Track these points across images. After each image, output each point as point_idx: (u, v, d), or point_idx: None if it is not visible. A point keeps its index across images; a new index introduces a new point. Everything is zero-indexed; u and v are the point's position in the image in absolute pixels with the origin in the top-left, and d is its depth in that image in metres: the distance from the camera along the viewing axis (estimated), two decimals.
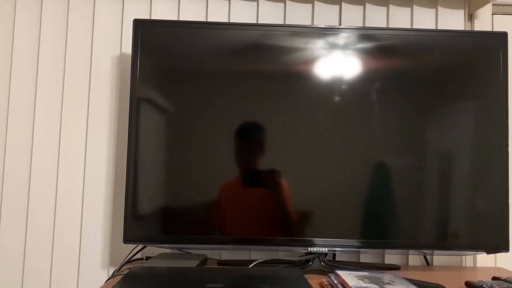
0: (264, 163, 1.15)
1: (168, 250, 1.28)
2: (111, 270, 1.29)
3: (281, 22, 1.34)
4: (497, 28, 1.39)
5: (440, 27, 1.35)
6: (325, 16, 1.35)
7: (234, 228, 1.14)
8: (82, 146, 1.31)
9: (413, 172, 1.15)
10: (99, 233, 1.30)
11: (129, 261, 1.21)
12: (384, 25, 1.35)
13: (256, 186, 1.15)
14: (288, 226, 1.15)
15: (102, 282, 1.29)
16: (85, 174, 1.30)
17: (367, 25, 1.34)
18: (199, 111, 1.15)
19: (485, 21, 1.39)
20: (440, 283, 1.02)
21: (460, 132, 1.16)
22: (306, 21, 1.35)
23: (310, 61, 1.16)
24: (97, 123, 1.32)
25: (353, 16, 1.35)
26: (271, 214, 1.15)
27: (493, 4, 1.37)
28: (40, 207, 1.30)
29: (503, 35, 1.18)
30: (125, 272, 0.98)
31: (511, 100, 1.20)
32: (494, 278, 1.06)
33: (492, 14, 1.40)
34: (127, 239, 1.12)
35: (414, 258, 1.32)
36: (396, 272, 1.15)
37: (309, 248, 1.13)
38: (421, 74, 1.17)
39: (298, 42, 1.17)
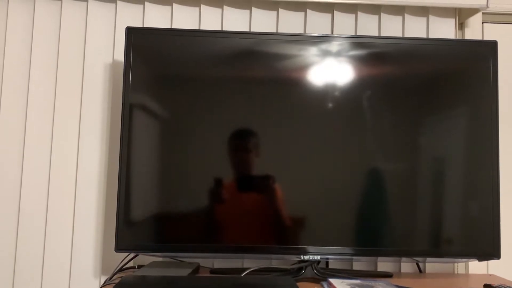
0: (258, 169, 1.15)
1: (160, 258, 1.28)
2: (103, 279, 1.27)
3: (273, 30, 1.35)
4: (487, 37, 1.41)
5: (431, 36, 1.36)
6: (318, 24, 1.36)
7: (227, 236, 1.14)
8: (74, 153, 1.30)
9: (406, 179, 1.16)
10: (91, 241, 1.29)
11: (121, 270, 1.20)
12: (376, 34, 1.36)
13: (250, 191, 1.15)
14: (281, 233, 1.15)
15: None
16: (77, 181, 1.29)
17: (359, 33, 1.35)
18: (192, 118, 1.15)
19: (476, 29, 1.40)
20: None
21: (452, 139, 1.17)
22: (299, 29, 1.35)
23: (303, 68, 1.17)
24: (89, 129, 1.31)
25: (345, 24, 1.36)
26: (265, 221, 1.15)
27: (483, 13, 1.39)
28: (30, 214, 1.28)
29: (493, 44, 1.20)
30: (116, 281, 0.98)
31: (501, 107, 1.21)
32: (486, 286, 1.06)
33: (483, 23, 1.41)
34: (119, 248, 1.11)
35: (407, 266, 1.32)
36: (388, 279, 1.15)
37: (302, 256, 1.13)
38: (413, 81, 1.18)
39: (291, 50, 1.17)
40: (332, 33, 1.36)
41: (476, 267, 1.33)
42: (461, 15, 1.38)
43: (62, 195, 1.29)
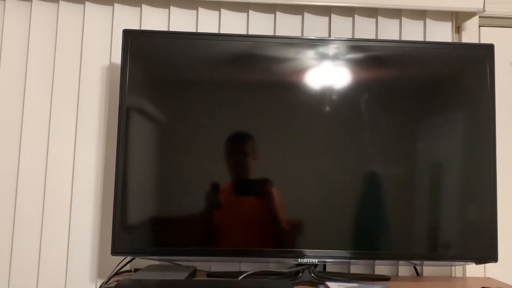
0: (255, 173, 1.15)
1: (157, 262, 1.27)
2: (99, 282, 1.27)
3: (271, 32, 1.35)
4: (484, 40, 1.41)
5: (428, 39, 1.36)
6: (315, 27, 1.36)
7: (224, 239, 1.13)
8: (70, 155, 1.30)
9: (403, 182, 1.16)
10: (87, 244, 1.28)
11: (117, 273, 1.19)
12: (373, 37, 1.36)
13: (248, 195, 1.15)
14: (278, 237, 1.14)
15: None
16: (73, 184, 1.29)
17: (356, 36, 1.35)
18: (190, 121, 1.15)
19: (472, 33, 1.41)
20: None
21: (449, 142, 1.17)
22: (296, 32, 1.35)
23: (301, 71, 1.17)
24: (86, 132, 1.30)
25: (342, 27, 1.36)
26: (262, 224, 1.14)
27: (480, 17, 1.39)
28: (26, 217, 1.28)
29: (490, 47, 1.20)
30: (113, 285, 0.97)
31: (498, 111, 1.21)
32: None
33: (479, 26, 1.42)
34: (115, 251, 1.11)
35: (404, 269, 1.32)
36: (386, 283, 1.15)
37: (300, 259, 1.12)
38: (410, 85, 1.18)
39: (288, 53, 1.17)
40: (330, 36, 1.36)
41: (473, 270, 1.33)
42: (458, 19, 1.38)
43: (58, 198, 1.29)
